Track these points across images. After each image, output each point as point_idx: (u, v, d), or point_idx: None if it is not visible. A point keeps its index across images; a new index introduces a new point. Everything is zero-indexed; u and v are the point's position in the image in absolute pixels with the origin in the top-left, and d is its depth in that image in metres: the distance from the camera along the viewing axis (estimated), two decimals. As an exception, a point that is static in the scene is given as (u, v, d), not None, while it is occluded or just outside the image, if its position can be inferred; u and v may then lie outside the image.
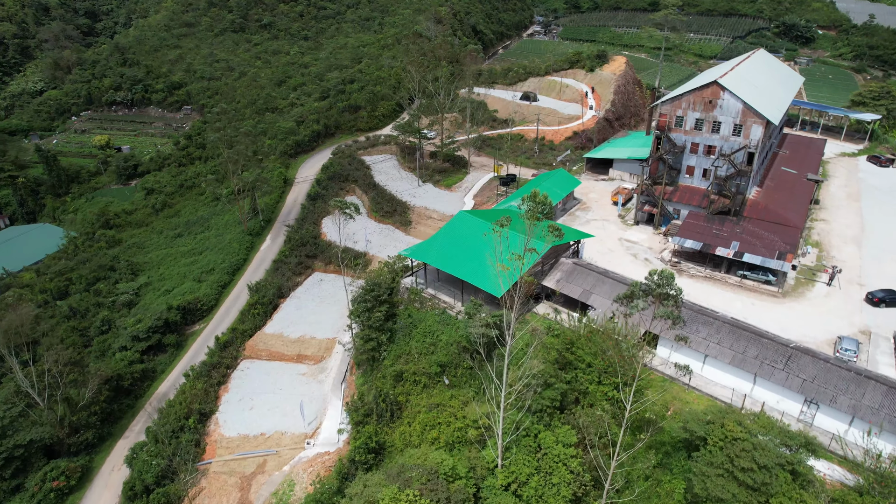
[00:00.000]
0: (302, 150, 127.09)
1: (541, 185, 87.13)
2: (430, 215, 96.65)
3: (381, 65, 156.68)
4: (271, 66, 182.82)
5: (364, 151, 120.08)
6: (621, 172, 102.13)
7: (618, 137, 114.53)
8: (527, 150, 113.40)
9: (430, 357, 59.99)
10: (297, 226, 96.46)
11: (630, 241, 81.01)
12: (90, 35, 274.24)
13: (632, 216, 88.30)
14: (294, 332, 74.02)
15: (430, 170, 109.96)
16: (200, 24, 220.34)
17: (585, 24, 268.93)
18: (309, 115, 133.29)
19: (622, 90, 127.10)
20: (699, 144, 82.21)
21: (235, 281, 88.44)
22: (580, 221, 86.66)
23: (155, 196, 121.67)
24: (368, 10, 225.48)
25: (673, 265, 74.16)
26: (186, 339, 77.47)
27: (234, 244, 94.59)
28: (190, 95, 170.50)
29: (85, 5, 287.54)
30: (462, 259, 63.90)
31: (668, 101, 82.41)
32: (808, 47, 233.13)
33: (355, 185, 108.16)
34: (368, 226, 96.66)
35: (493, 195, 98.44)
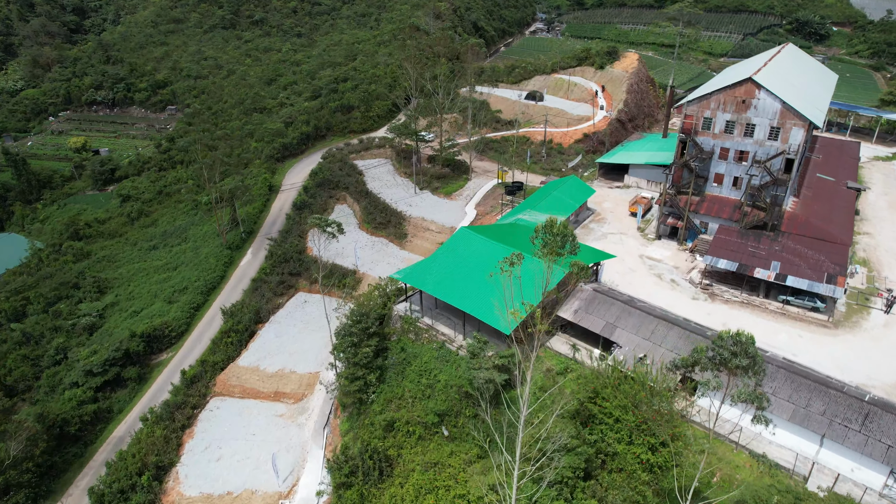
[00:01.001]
0: (290, 154, 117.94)
1: (550, 194, 78.09)
2: (427, 227, 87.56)
3: (377, 62, 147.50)
4: (261, 64, 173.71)
5: (357, 155, 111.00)
6: (638, 179, 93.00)
7: (632, 140, 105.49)
8: (533, 153, 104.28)
9: (427, 403, 50.92)
10: (281, 239, 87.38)
11: (652, 258, 71.92)
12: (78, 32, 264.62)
13: (652, 229, 79.23)
14: (272, 365, 64.92)
15: (428, 176, 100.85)
16: (189, 20, 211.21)
17: (589, 21, 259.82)
18: (298, 116, 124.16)
19: (635, 89, 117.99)
20: (729, 150, 73.20)
21: (210, 301, 79.33)
22: (595, 235, 77.57)
23: (131, 203, 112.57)
24: (365, 5, 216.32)
25: (704, 288, 65.05)
26: (151, 370, 68.38)
27: (211, 259, 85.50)
28: (175, 95, 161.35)
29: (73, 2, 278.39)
30: (463, 285, 54.79)
31: (695, 102, 73.32)
32: (822, 44, 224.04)
33: (346, 192, 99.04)
34: (359, 238, 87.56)
35: (498, 204, 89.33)
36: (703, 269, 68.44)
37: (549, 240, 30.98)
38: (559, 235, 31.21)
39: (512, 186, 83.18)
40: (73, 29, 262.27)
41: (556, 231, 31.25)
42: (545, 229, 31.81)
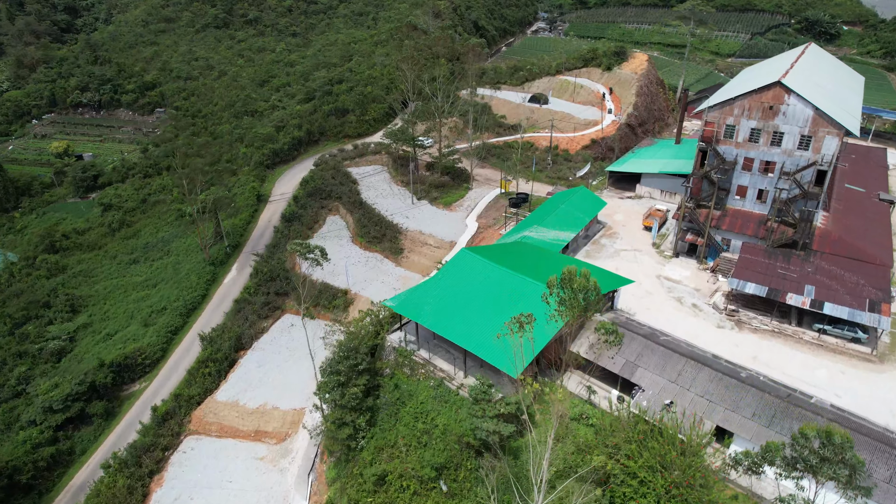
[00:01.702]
0: (281, 160, 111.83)
1: (558, 207, 71.97)
2: (425, 241, 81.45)
3: (373, 63, 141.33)
4: (254, 65, 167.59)
5: (351, 162, 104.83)
6: (650, 189, 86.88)
7: (643, 146, 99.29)
8: (539, 161, 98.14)
9: (423, 453, 44.84)
10: (268, 254, 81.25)
11: (671, 279, 65.78)
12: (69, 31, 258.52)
13: (669, 244, 73.12)
14: (253, 400, 58.82)
15: (427, 184, 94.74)
16: (181, 19, 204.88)
17: (593, 20, 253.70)
18: (290, 120, 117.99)
19: (645, 92, 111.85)
20: (754, 160, 67.11)
21: (190, 324, 73.22)
22: (607, 252, 71.44)
23: (112, 213, 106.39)
24: (362, 3, 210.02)
25: (729, 315, 58.91)
26: (121, 403, 62.31)
27: (193, 277, 79.38)
28: (164, 97, 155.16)
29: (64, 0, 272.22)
30: (465, 316, 48.65)
31: (717, 107, 67.19)
32: (832, 44, 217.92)
33: (339, 202, 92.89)
34: (352, 254, 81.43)
35: (501, 216, 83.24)
36: (727, 292, 62.32)
37: (569, 298, 24.75)
38: (581, 291, 24.95)
39: (516, 198, 77.10)
40: (64, 28, 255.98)
41: (577, 286, 24.97)
42: (563, 284, 25.58)
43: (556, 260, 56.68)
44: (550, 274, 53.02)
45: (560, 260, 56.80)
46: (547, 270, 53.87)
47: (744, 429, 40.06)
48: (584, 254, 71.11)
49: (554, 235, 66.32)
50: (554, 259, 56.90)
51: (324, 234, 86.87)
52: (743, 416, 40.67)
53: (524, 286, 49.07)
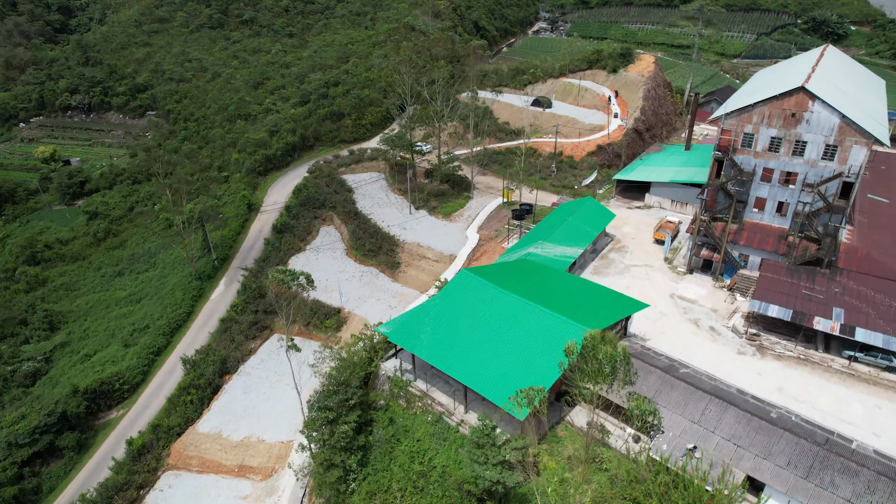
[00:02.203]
0: (274, 167, 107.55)
1: (565, 220, 67.68)
2: (423, 254, 77.21)
3: (371, 65, 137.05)
4: (249, 66, 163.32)
5: (346, 169, 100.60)
6: (660, 199, 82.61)
7: (651, 153, 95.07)
8: (542, 168, 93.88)
9: (419, 499, 40.64)
10: (257, 268, 76.99)
11: (686, 298, 61.52)
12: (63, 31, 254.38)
13: (682, 259, 68.87)
14: (237, 431, 54.59)
15: (425, 193, 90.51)
16: (175, 19, 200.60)
17: (595, 20, 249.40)
18: (284, 125, 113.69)
19: (652, 95, 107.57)
20: (774, 170, 62.90)
21: (174, 344, 68.97)
22: (616, 268, 67.18)
23: (98, 221, 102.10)
24: (360, 3, 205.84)
25: (750, 339, 54.67)
26: (95, 433, 58.05)
27: (178, 292, 75.14)
28: (155, 99, 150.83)
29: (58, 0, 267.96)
30: (466, 348, 44.38)
31: (734, 114, 62.92)
32: (840, 44, 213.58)
33: (333, 212, 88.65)
34: (346, 268, 77.17)
35: (503, 228, 79.02)
36: (746, 314, 58.07)
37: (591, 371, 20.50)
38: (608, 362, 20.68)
39: (520, 210, 72.82)
40: (58, 28, 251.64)
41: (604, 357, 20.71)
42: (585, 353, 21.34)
43: (565, 281, 52.42)
44: (559, 297, 49.00)
45: (569, 282, 52.54)
46: (555, 293, 49.66)
47: (778, 480, 35.82)
48: (591, 270, 66.89)
49: (560, 252, 62.09)
50: (562, 280, 52.64)
51: (317, 246, 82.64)
52: (776, 464, 36.43)
53: (531, 313, 44.84)
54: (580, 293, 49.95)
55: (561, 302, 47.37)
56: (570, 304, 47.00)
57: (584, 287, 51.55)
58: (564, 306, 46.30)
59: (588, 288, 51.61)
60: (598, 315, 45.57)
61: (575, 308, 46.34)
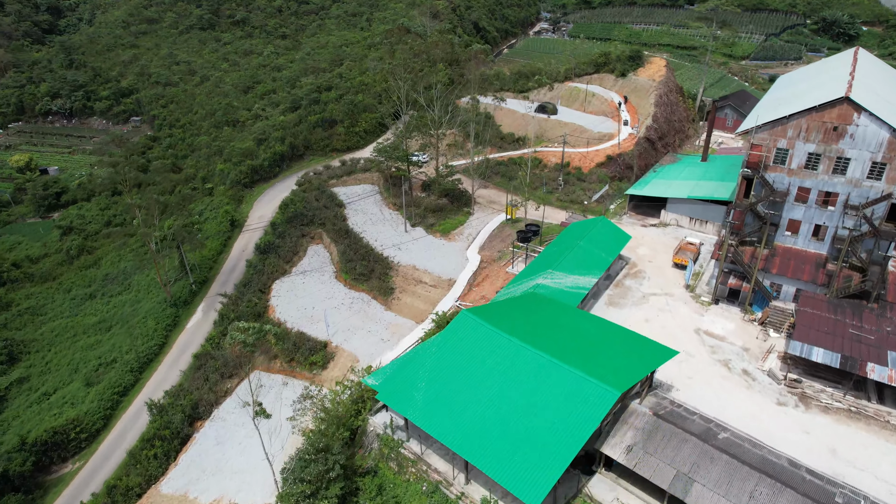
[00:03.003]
0: (261, 178, 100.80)
1: (576, 244, 60.95)
2: (419, 278, 70.49)
3: (366, 68, 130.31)
4: (239, 69, 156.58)
5: (338, 181, 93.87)
6: (678, 216, 75.91)
7: (665, 164, 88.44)
8: (548, 181, 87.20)
9: None
10: (237, 295, 70.27)
11: (713, 334, 54.83)
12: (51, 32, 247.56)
13: (705, 286, 62.18)
14: (206, 493, 47.85)
15: (422, 208, 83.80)
16: (164, 20, 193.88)
17: (598, 20, 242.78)
18: (272, 132, 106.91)
19: (664, 101, 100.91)
20: (811, 190, 56.31)
21: (143, 382, 62.25)
22: (633, 297, 60.46)
23: (72, 237, 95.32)
24: (356, 4, 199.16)
25: (791, 386, 47.99)
26: (45, 492, 51.20)
27: (150, 321, 68.43)
28: (140, 104, 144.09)
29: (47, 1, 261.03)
30: (467, 410, 37.62)
31: (767, 127, 56.25)
32: (851, 45, 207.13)
33: (323, 230, 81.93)
34: (335, 294, 70.42)
35: (507, 248, 72.29)
36: (782, 354, 51.41)
37: None
38: None
39: (526, 231, 65.99)
40: (46, 29, 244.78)
41: None
42: None
43: (582, 323, 45.64)
44: (576, 345, 42.18)
45: (587, 323, 45.79)
46: (571, 339, 42.89)
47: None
48: (606, 300, 60.18)
49: (572, 282, 55.38)
50: (579, 322, 45.88)
51: (303, 268, 75.92)
52: (848, 568, 29.80)
53: (545, 368, 38.14)
54: (601, 339, 43.21)
55: (579, 351, 40.67)
56: (591, 355, 40.29)
57: (604, 330, 44.82)
58: (584, 357, 39.60)
59: (609, 331, 44.88)
60: (622, 368, 38.86)
61: (596, 360, 39.63)
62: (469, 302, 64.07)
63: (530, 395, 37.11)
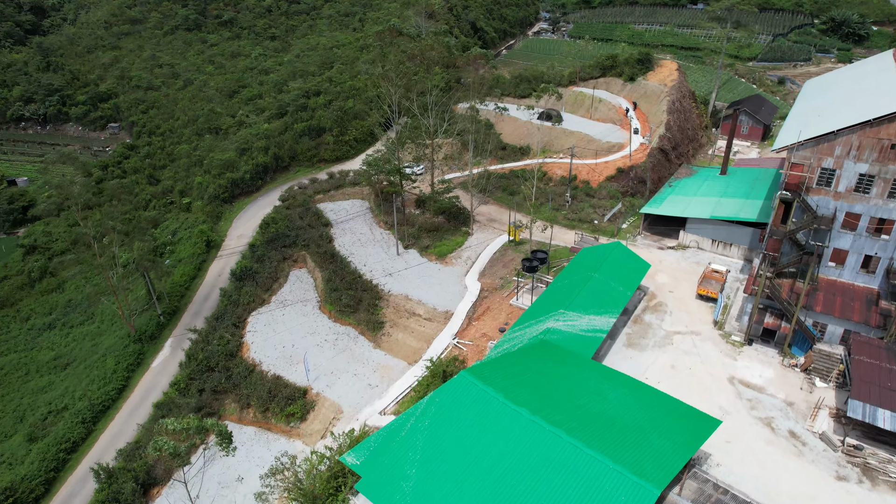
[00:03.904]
0: (242, 192, 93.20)
1: (591, 277, 53.54)
2: (412, 310, 62.99)
3: (357, 71, 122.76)
4: (225, 73, 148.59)
5: (325, 196, 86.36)
6: (698, 237, 68.63)
7: (681, 177, 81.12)
8: (554, 196, 79.79)
9: None
10: (209, 330, 62.69)
11: (749, 384, 47.51)
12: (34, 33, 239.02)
13: (734, 324, 54.90)
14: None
15: (416, 227, 76.36)
16: (148, 20, 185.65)
17: (599, 20, 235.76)
18: (255, 142, 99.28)
19: (677, 108, 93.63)
20: (861, 216, 49.09)
21: (96, 435, 54.65)
22: (655, 337, 53.12)
23: (36, 257, 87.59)
24: (348, 3, 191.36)
25: (850, 454, 40.66)
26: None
27: (110, 360, 60.81)
28: (119, 110, 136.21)
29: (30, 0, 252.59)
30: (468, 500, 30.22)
31: (810, 144, 48.98)
32: (861, 46, 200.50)
33: (306, 252, 74.37)
34: (318, 328, 62.90)
35: (509, 275, 64.91)
36: (834, 412, 44.10)
37: None
38: None
39: (532, 259, 58.46)
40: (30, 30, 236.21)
41: None
42: None
43: (607, 387, 38.13)
44: (602, 417, 34.70)
45: (613, 385, 38.28)
46: (595, 411, 35.41)
47: None
48: (624, 340, 52.83)
49: (588, 323, 48.00)
50: (603, 385, 38.39)
51: (284, 297, 68.41)
52: None
53: (564, 452, 30.71)
54: (630, 406, 35.78)
55: (605, 425, 33.25)
56: (619, 431, 32.87)
57: (633, 393, 37.41)
58: (611, 435, 32.21)
59: (639, 394, 37.48)
60: (660, 452, 31.44)
61: (627, 438, 32.21)
62: (468, 340, 56.65)
63: (545, 488, 29.69)
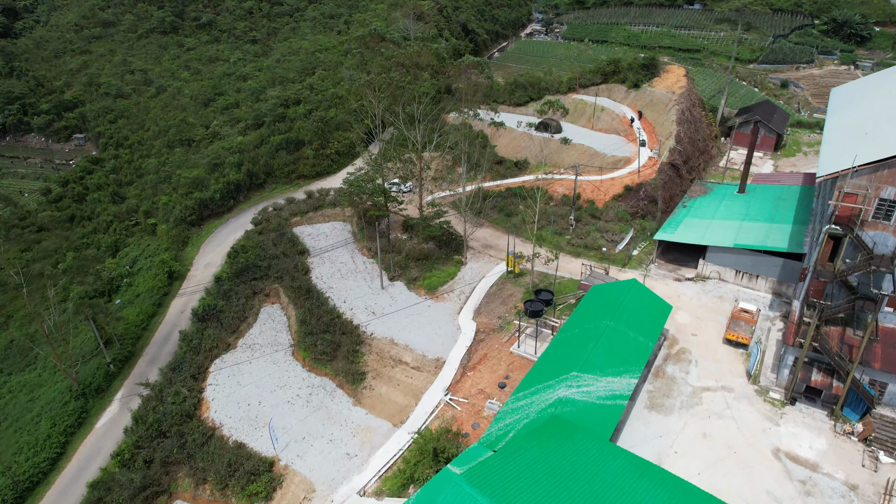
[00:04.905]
0: (212, 213, 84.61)
1: (605, 328, 45.66)
2: (399, 356, 54.89)
3: (340, 78, 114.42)
4: (201, 79, 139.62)
5: (302, 218, 78.10)
6: (720, 268, 61.04)
7: (695, 196, 73.65)
8: (556, 219, 71.96)
9: None
10: (164, 383, 54.17)
11: (799, 459, 39.82)
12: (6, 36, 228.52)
13: (770, 375, 47.33)
14: None
15: (403, 255, 68.35)
16: (122, 23, 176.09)
17: (593, 21, 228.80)
18: (227, 157, 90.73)
19: (687, 118, 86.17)
20: (925, 255, 41.60)
21: (22, 518, 45.95)
22: (681, 395, 45.37)
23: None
24: (333, 5, 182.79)
25: (935, 560, 33.02)
26: None
27: (44, 423, 52.20)
28: (85, 119, 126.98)
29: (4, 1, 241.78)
30: None
31: (867, 171, 41.46)
32: (864, 47, 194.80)
33: (280, 286, 66.03)
34: (289, 380, 54.60)
35: (508, 313, 56.99)
36: (908, 497, 36.50)
37: None
38: None
39: (536, 302, 50.42)
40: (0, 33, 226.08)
41: None
42: None
43: (635, 487, 30.25)
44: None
45: (648, 488, 30.35)
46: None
47: None
48: (645, 399, 45.05)
49: (605, 388, 40.13)
50: (630, 483, 30.49)
51: (253, 340, 60.05)
52: None
53: None
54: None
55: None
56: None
57: (671, 496, 29.48)
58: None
59: (675, 495, 29.59)
60: None
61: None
62: (462, 397, 48.62)
63: None
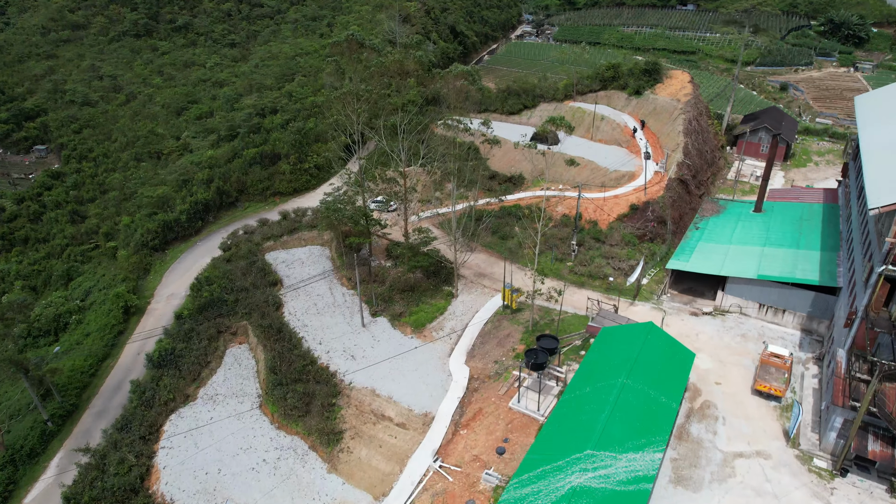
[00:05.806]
0: (177, 236, 76.99)
1: (622, 384, 38.82)
2: (381, 411, 47.80)
3: (321, 84, 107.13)
4: (175, 86, 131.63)
5: (276, 242, 70.79)
6: (742, 301, 54.56)
7: (707, 215, 67.16)
8: (555, 244, 65.11)
9: None
10: (108, 446, 46.65)
11: (860, 551, 33.27)
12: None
13: (811, 435, 40.81)
14: None
15: (387, 285, 61.26)
16: (92, 25, 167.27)
17: (584, 22, 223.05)
18: (196, 173, 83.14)
19: (695, 128, 79.88)
20: None
21: None
22: (710, 464, 38.70)
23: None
24: (316, 6, 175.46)
25: None
26: None
27: (-35, 497, 44.41)
28: (47, 129, 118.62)
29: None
30: None
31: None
32: (861, 48, 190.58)
33: (248, 323, 58.64)
34: (256, 440, 47.29)
35: (507, 361, 50.08)
36: None
37: None
38: None
39: (538, 352, 43.45)
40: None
41: None
42: None
43: None
44: None
45: None
46: None
47: None
48: (669, 471, 38.27)
49: (625, 469, 33.32)
50: None
51: (216, 390, 52.67)
52: None
53: None
54: None
55: None
56: None
57: None
58: None
59: None
60: None
61: None
62: (454, 464, 41.58)
63: None
